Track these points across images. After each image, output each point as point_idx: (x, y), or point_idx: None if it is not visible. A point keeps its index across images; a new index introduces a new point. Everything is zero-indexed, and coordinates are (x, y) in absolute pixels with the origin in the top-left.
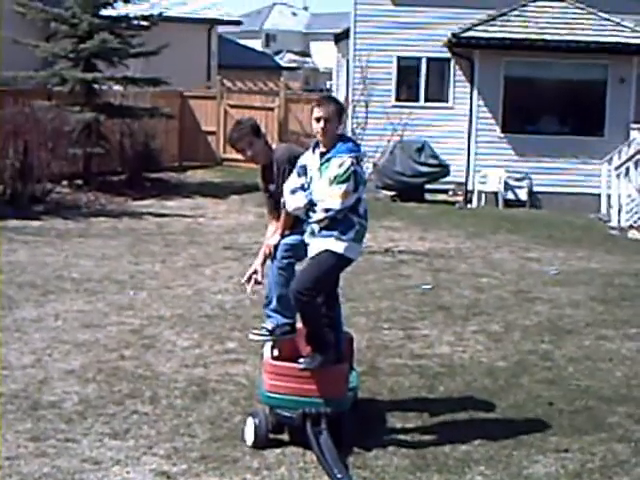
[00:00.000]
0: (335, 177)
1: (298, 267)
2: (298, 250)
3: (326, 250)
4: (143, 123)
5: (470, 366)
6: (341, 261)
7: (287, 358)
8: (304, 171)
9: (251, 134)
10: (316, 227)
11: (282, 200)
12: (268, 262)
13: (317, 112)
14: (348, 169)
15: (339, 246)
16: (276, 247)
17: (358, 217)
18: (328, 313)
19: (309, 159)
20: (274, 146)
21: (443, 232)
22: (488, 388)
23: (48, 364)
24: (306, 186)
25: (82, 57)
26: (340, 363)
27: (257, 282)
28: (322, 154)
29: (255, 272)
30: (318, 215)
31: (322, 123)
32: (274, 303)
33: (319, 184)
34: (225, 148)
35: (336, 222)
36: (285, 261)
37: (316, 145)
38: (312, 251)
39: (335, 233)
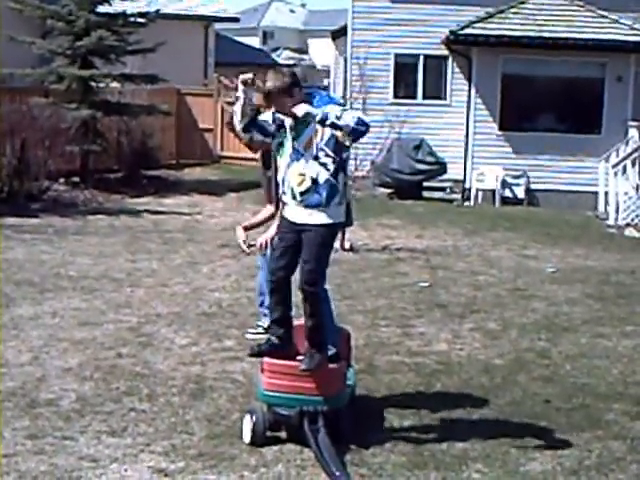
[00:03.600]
0: (341, 114)
1: None
2: None
3: (315, 226)
4: (140, 120)
5: (467, 364)
6: (333, 230)
7: (284, 356)
8: (279, 123)
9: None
10: (297, 190)
11: (280, 191)
12: (260, 258)
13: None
14: (344, 109)
15: (327, 217)
16: (271, 240)
17: (345, 176)
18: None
19: (288, 121)
20: None
21: (440, 230)
22: (485, 386)
23: (45, 362)
24: (275, 133)
25: (79, 54)
26: (338, 361)
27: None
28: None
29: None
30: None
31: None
32: (269, 301)
33: (295, 145)
34: (222, 145)
35: (319, 187)
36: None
37: None
38: (295, 218)
39: (321, 201)
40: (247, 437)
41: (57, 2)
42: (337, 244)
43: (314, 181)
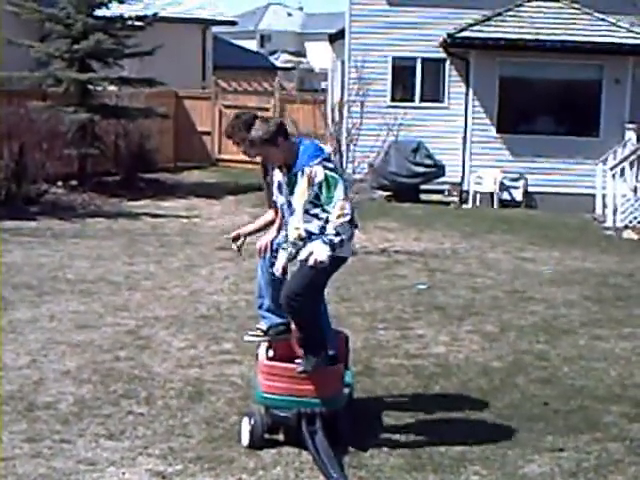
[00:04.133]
0: (321, 189)
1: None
2: None
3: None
4: (138, 124)
5: (465, 366)
6: (334, 262)
7: (282, 358)
8: (280, 188)
9: (244, 130)
10: (299, 242)
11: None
12: (259, 261)
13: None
14: (326, 178)
15: (330, 248)
16: (271, 243)
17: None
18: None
19: (278, 174)
20: None
21: (438, 232)
22: (483, 388)
23: (43, 365)
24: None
25: (77, 57)
26: (335, 363)
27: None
28: (287, 167)
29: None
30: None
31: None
32: (267, 303)
33: (289, 199)
34: (220, 148)
35: (314, 236)
36: (275, 260)
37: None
38: (304, 254)
39: (323, 238)
40: (245, 440)
41: (55, 5)
42: None
43: (309, 233)
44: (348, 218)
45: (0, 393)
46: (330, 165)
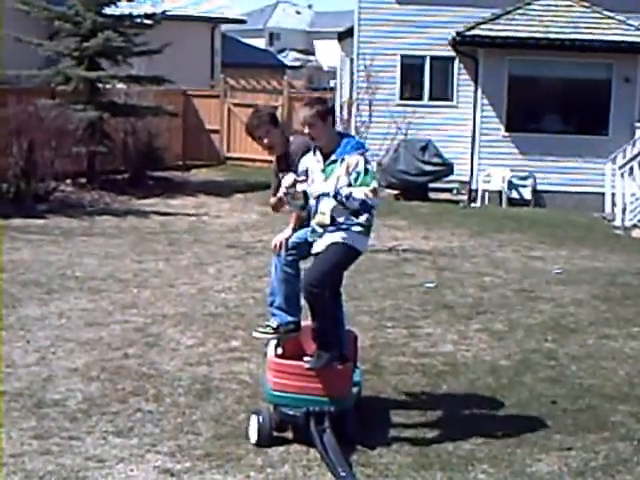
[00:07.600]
0: (357, 177)
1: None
2: (303, 248)
3: (335, 243)
4: (147, 122)
5: (473, 365)
6: (350, 252)
7: (291, 356)
8: (305, 174)
9: (269, 123)
10: (317, 227)
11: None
12: (274, 258)
13: (299, 117)
14: (366, 170)
15: (347, 238)
16: (286, 241)
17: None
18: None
19: (310, 161)
20: (291, 138)
21: (447, 231)
22: (491, 386)
23: (52, 362)
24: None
25: (86, 55)
26: (344, 362)
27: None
28: (325, 156)
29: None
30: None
31: (306, 128)
32: (279, 301)
33: (322, 186)
34: (229, 147)
35: (337, 224)
36: (290, 258)
37: (317, 147)
38: (319, 247)
39: (342, 227)
40: (253, 437)
41: (64, 4)
42: None
43: (333, 219)
44: (375, 202)
45: (8, 390)
46: (369, 162)
